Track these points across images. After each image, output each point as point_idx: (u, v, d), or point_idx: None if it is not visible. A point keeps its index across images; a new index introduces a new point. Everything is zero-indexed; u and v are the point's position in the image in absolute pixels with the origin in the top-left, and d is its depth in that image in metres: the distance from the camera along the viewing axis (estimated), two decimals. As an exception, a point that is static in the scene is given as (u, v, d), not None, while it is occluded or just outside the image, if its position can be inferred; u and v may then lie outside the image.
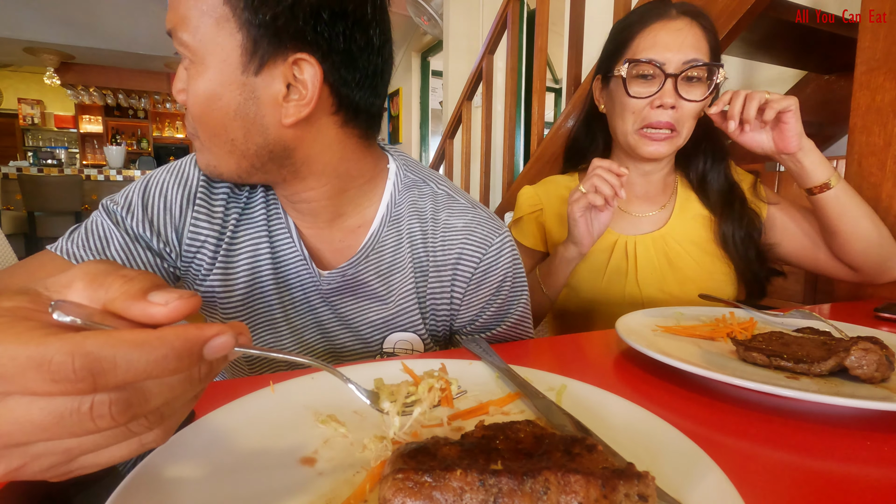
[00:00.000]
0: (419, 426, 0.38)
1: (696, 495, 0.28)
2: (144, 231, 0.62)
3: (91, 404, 0.21)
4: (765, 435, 0.41)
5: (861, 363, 0.48)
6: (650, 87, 0.89)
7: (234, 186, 0.66)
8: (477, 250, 0.66)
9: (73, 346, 0.20)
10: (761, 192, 1.01)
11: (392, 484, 0.25)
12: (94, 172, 5.04)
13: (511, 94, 2.48)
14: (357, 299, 0.68)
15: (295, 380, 0.44)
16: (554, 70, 4.79)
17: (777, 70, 2.14)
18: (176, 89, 0.56)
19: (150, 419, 0.24)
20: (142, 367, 0.21)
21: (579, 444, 0.29)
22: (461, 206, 0.68)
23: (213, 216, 0.65)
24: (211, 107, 0.53)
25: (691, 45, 0.88)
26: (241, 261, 0.65)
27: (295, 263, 0.66)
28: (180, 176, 0.65)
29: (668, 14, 0.90)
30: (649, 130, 0.91)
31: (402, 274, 0.67)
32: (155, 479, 0.29)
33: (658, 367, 0.54)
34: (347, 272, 0.65)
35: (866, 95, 1.01)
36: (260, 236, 0.66)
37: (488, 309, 0.69)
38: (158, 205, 0.63)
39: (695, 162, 1.03)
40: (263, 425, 0.37)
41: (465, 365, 0.49)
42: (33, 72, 7.61)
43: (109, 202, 0.64)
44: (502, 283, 0.68)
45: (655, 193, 1.05)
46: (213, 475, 0.31)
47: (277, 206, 0.67)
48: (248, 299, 0.66)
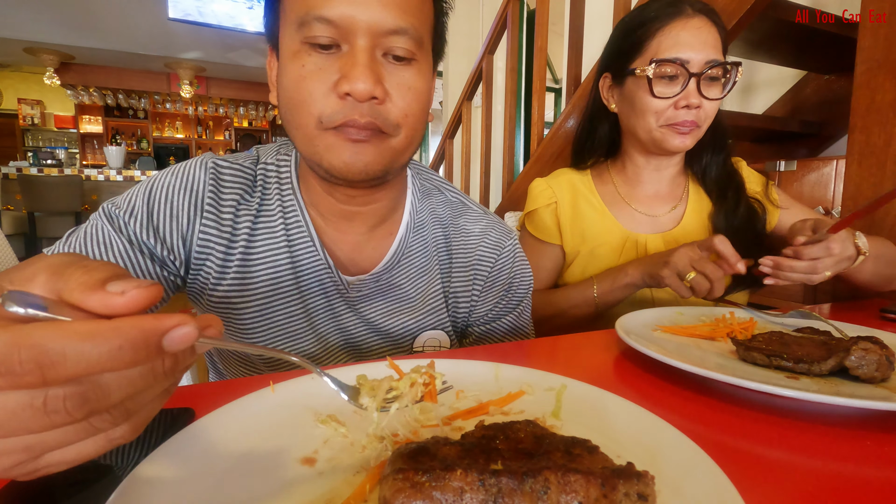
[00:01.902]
0: (419, 426, 0.38)
1: (696, 495, 0.28)
2: (148, 238, 0.60)
3: (45, 399, 0.20)
4: (765, 435, 0.41)
5: (861, 363, 0.48)
6: (673, 87, 0.89)
7: (244, 191, 0.64)
8: (492, 253, 0.73)
9: (18, 337, 0.19)
10: (773, 196, 1.02)
11: (392, 484, 0.25)
12: (94, 173, 5.04)
13: (511, 94, 2.48)
14: (387, 303, 0.69)
15: (295, 380, 0.44)
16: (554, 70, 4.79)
17: (777, 70, 2.14)
18: (371, 85, 0.51)
19: (114, 414, 0.23)
20: (94, 360, 0.20)
21: (580, 445, 0.29)
22: (475, 213, 0.76)
23: (222, 223, 0.63)
24: (425, 102, 0.58)
25: (710, 45, 0.88)
26: (260, 269, 0.64)
27: (317, 270, 0.65)
28: (186, 180, 0.62)
29: (685, 12, 0.89)
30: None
31: (429, 276, 0.71)
32: (154, 479, 0.29)
33: (658, 367, 0.54)
34: (381, 277, 0.67)
35: (866, 95, 1.01)
36: (279, 244, 0.64)
37: (500, 303, 0.75)
38: (164, 211, 0.61)
39: (698, 154, 1.03)
40: (263, 425, 0.37)
41: (465, 365, 0.49)
42: (33, 72, 7.61)
43: (111, 206, 0.61)
44: (512, 279, 0.75)
45: (667, 191, 1.04)
46: (213, 475, 0.31)
47: (296, 211, 0.65)
48: (267, 308, 0.65)
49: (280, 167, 0.66)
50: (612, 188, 1.06)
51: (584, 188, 1.06)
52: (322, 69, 0.52)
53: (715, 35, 0.89)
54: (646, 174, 1.02)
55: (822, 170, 1.77)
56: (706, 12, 0.89)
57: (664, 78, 0.89)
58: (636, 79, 0.92)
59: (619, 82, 0.98)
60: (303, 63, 0.52)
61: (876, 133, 1.00)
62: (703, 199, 1.03)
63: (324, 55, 0.52)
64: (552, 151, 2.02)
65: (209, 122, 8.61)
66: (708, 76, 0.88)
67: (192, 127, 8.45)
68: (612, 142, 1.07)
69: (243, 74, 7.67)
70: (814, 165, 1.79)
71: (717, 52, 0.88)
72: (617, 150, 1.07)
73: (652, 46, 0.90)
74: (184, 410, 0.41)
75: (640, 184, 1.04)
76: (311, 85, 0.52)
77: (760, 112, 2.24)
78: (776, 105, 2.19)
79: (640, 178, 1.03)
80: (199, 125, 8.53)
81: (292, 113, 0.55)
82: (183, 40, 6.25)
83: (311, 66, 0.52)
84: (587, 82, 1.85)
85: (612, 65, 0.99)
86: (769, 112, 2.21)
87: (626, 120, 0.98)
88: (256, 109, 8.70)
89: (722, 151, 1.02)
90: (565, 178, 1.08)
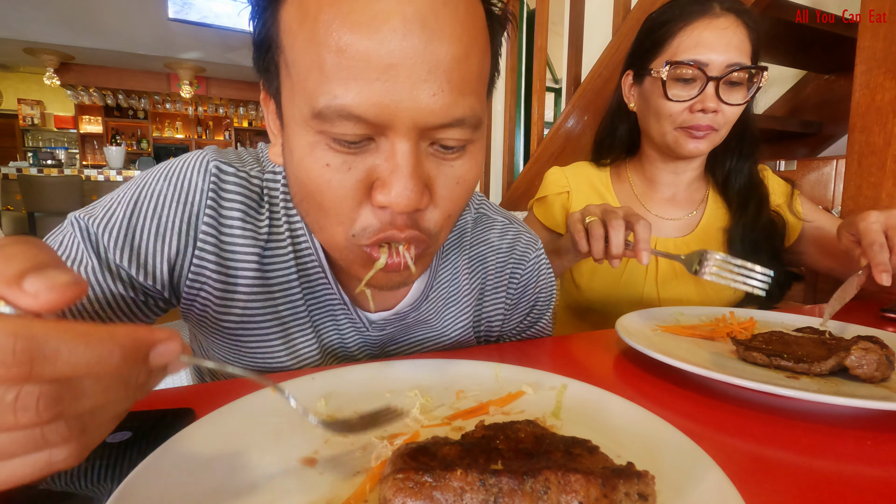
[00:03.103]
0: (419, 426, 0.38)
1: (696, 495, 0.28)
2: (122, 260, 0.49)
3: (17, 393, 0.19)
4: (765, 435, 0.41)
5: (861, 363, 0.48)
6: (690, 89, 0.85)
7: (250, 208, 0.53)
8: (518, 267, 0.68)
9: (19, 327, 0.19)
10: (797, 207, 0.98)
11: (392, 484, 0.25)
12: (94, 173, 5.05)
13: (511, 94, 2.48)
14: (410, 338, 0.64)
15: (295, 380, 0.44)
16: (554, 70, 4.79)
17: (777, 70, 2.14)
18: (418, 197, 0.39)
19: (70, 426, 0.21)
20: (84, 361, 0.20)
21: (580, 445, 0.29)
22: (501, 224, 0.69)
23: (223, 249, 0.52)
24: (473, 190, 0.46)
25: (736, 47, 0.83)
26: (275, 306, 0.55)
27: (332, 307, 0.58)
28: (181, 188, 0.50)
29: (712, 10, 0.84)
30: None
31: (459, 306, 0.65)
32: (154, 479, 0.29)
33: (658, 367, 0.54)
34: (408, 315, 0.61)
35: (866, 95, 1.01)
36: (291, 278, 0.55)
37: (527, 317, 0.71)
38: (149, 227, 0.49)
39: (721, 159, 1.00)
40: (263, 425, 0.37)
41: (465, 365, 0.49)
42: (33, 72, 7.60)
43: (86, 216, 0.49)
44: (540, 291, 0.71)
45: (684, 197, 1.02)
46: (213, 475, 0.31)
47: (305, 238, 0.55)
48: (287, 339, 0.57)
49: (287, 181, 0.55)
50: (628, 187, 1.04)
51: (600, 184, 1.04)
52: (351, 169, 0.39)
53: (743, 36, 0.84)
54: (663, 177, 1.00)
55: (822, 170, 1.77)
56: (737, 11, 0.84)
57: (680, 80, 0.86)
58: (653, 79, 0.89)
59: (638, 81, 0.95)
60: (326, 162, 0.39)
61: (876, 133, 1.00)
62: (721, 208, 0.99)
63: (352, 152, 0.39)
64: (552, 151, 2.02)
65: (209, 122, 8.60)
66: (729, 80, 0.84)
67: (192, 127, 8.44)
68: (632, 141, 1.04)
69: (243, 74, 7.67)
70: (814, 165, 1.79)
71: (743, 54, 0.84)
72: (637, 150, 1.04)
73: (672, 46, 0.87)
74: (184, 410, 0.41)
75: (656, 186, 1.01)
76: (337, 191, 0.40)
77: (760, 112, 2.24)
78: (776, 105, 2.19)
79: (658, 180, 1.01)
80: (199, 125, 8.53)
81: (313, 213, 0.43)
82: (183, 40, 6.24)
83: (337, 164, 0.39)
84: (587, 82, 1.85)
85: (634, 62, 0.96)
86: (769, 112, 2.21)
87: (643, 120, 0.96)
88: (256, 109, 8.69)
89: (748, 159, 0.98)
90: (583, 171, 1.06)
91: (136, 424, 0.38)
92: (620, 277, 0.97)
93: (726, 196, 0.99)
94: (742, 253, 0.94)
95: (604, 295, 0.99)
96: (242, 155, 0.56)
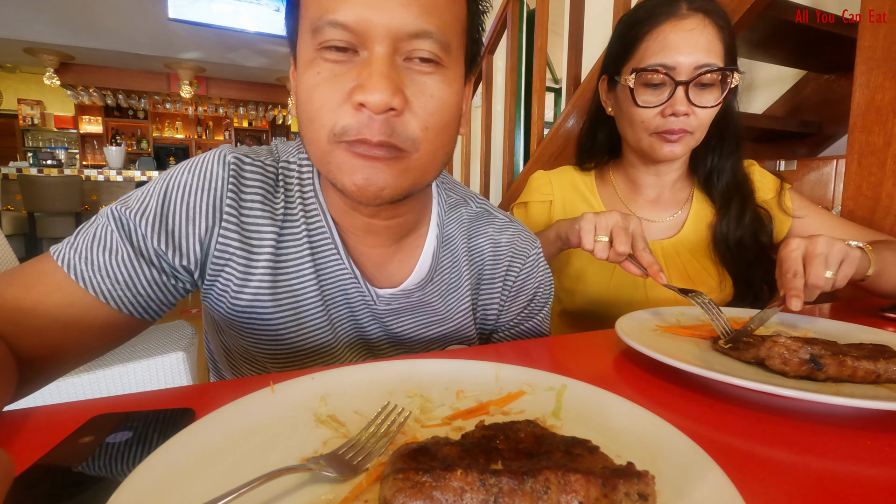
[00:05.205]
0: (419, 426, 0.38)
1: (697, 495, 0.28)
2: (160, 244, 0.54)
3: None
4: (765, 435, 0.41)
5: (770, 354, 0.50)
6: (659, 94, 0.84)
7: (267, 192, 0.59)
8: (517, 261, 0.72)
9: None
10: (786, 203, 0.96)
11: (392, 484, 0.25)
12: (94, 173, 5.05)
13: (511, 94, 2.48)
14: (416, 318, 0.67)
15: (295, 380, 0.44)
16: (554, 70, 4.79)
17: (777, 70, 2.14)
18: (389, 95, 0.46)
19: None
20: None
21: (580, 445, 0.29)
22: (501, 221, 0.74)
23: (244, 228, 0.58)
24: (451, 114, 0.53)
25: (703, 48, 0.81)
26: (287, 279, 0.60)
27: (342, 281, 0.62)
28: (204, 177, 0.57)
29: (679, 11, 0.83)
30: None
31: (459, 292, 0.69)
32: (154, 479, 0.29)
33: (658, 367, 0.54)
34: (413, 294, 0.65)
35: (866, 95, 1.01)
36: (302, 253, 0.60)
37: (524, 310, 0.75)
38: (181, 212, 0.55)
39: (703, 158, 0.99)
40: (263, 425, 0.37)
41: (465, 365, 0.49)
42: (33, 72, 7.61)
43: (122, 207, 0.55)
44: (538, 288, 0.75)
45: (668, 198, 1.01)
46: (213, 475, 0.31)
47: (319, 217, 0.61)
48: (296, 317, 0.61)
49: (302, 167, 0.62)
50: (612, 191, 1.04)
51: (585, 188, 1.04)
52: (337, 76, 0.48)
53: (711, 36, 0.82)
54: (646, 179, 1.00)
55: (822, 169, 1.77)
56: (705, 11, 0.82)
57: (649, 86, 0.85)
58: (623, 86, 0.89)
59: (612, 87, 0.95)
60: (318, 70, 0.49)
61: (876, 133, 1.00)
62: (707, 206, 0.99)
63: (339, 62, 0.48)
64: (552, 151, 2.02)
65: (209, 122, 8.61)
66: (699, 82, 0.82)
67: (192, 127, 8.45)
68: (612, 145, 1.04)
69: (243, 74, 7.67)
70: (814, 165, 1.79)
71: (712, 55, 0.82)
72: (619, 153, 1.04)
73: (640, 51, 0.86)
74: (184, 410, 0.41)
75: (640, 188, 1.01)
76: (324, 94, 0.49)
77: (760, 112, 2.24)
78: (776, 105, 2.19)
79: (641, 182, 1.01)
80: (199, 125, 8.53)
81: (306, 125, 0.51)
82: (183, 40, 6.24)
83: (326, 73, 0.49)
84: (587, 82, 1.85)
85: (608, 67, 0.95)
86: (769, 112, 2.21)
87: (620, 126, 0.96)
88: (256, 109, 8.70)
89: (730, 157, 0.97)
90: (567, 175, 1.06)
91: (136, 424, 0.38)
92: (610, 279, 0.97)
93: (710, 194, 0.99)
94: (728, 250, 0.93)
95: (594, 297, 0.99)
96: (256, 149, 0.63)
